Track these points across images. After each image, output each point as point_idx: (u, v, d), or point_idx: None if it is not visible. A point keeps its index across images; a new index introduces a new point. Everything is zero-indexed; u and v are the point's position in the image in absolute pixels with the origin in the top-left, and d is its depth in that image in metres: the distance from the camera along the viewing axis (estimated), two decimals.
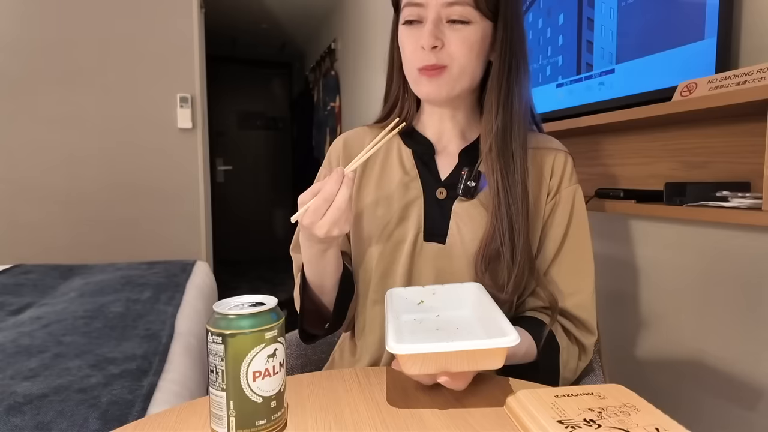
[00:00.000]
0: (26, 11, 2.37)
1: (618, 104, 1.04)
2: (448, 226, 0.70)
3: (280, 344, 0.47)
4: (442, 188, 0.72)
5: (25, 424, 0.71)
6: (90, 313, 1.23)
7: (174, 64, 2.61)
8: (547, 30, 1.25)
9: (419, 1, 0.64)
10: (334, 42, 3.61)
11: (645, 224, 1.07)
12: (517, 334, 0.47)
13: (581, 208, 0.73)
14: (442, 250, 0.70)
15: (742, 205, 0.77)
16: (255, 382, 0.44)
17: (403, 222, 0.71)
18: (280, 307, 0.48)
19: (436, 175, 0.73)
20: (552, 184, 0.72)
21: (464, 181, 0.69)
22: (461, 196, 0.70)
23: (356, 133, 0.79)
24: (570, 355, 0.70)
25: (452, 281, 0.72)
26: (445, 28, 0.65)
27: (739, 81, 0.77)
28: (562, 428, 0.41)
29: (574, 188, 0.73)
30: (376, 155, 0.75)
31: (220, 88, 4.96)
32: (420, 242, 0.71)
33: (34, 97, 2.41)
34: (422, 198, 0.72)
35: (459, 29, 0.64)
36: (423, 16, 0.65)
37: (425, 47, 0.64)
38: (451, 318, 0.62)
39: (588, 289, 0.72)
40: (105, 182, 2.53)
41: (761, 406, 0.85)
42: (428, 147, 0.75)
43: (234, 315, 0.44)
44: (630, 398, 0.47)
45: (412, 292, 0.65)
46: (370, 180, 0.75)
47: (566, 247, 0.72)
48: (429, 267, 0.71)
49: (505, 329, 0.49)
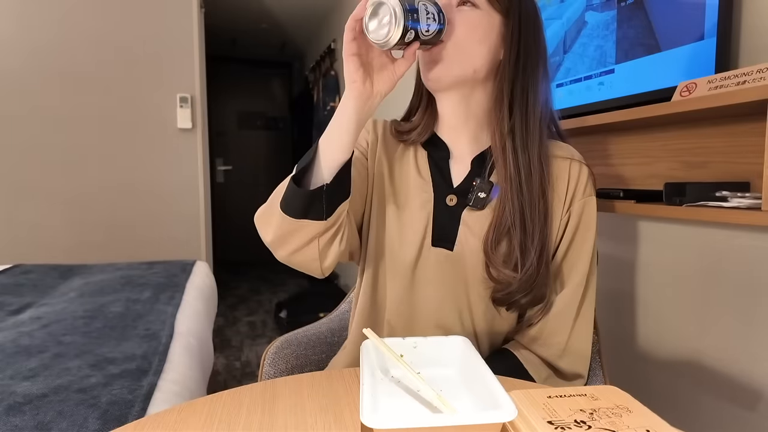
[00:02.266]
0: (26, 11, 2.37)
1: (618, 104, 1.04)
2: (457, 233, 0.70)
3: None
4: (453, 195, 0.72)
5: (24, 424, 0.71)
6: (90, 313, 1.23)
7: (174, 64, 2.61)
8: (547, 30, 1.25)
9: None
10: (333, 42, 3.61)
11: (644, 224, 1.08)
12: (514, 407, 0.41)
13: (589, 228, 0.71)
14: (449, 257, 0.70)
15: (742, 205, 0.77)
16: None
17: (412, 224, 0.71)
18: (279, 307, 0.47)
19: (449, 180, 0.73)
20: (567, 197, 0.71)
21: (476, 192, 0.69)
22: (470, 205, 0.70)
23: (382, 121, 0.80)
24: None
25: (457, 289, 0.71)
26: (453, 12, 0.66)
27: (739, 81, 0.77)
28: (552, 429, 0.41)
29: (584, 201, 0.71)
30: (394, 149, 0.76)
31: (220, 88, 4.96)
32: (427, 247, 0.70)
33: (34, 96, 2.41)
34: (432, 203, 0.72)
35: (465, 11, 0.66)
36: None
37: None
38: (434, 377, 0.53)
39: (580, 337, 0.70)
40: (105, 182, 2.53)
41: (760, 407, 0.85)
42: (444, 151, 0.74)
43: None
44: (623, 400, 0.47)
45: (392, 344, 0.57)
46: (394, 172, 0.75)
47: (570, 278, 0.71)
48: (435, 272, 0.71)
49: (499, 399, 0.43)
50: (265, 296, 3.75)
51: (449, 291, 0.71)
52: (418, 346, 0.58)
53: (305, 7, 3.75)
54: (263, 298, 3.70)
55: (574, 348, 0.70)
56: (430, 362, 0.57)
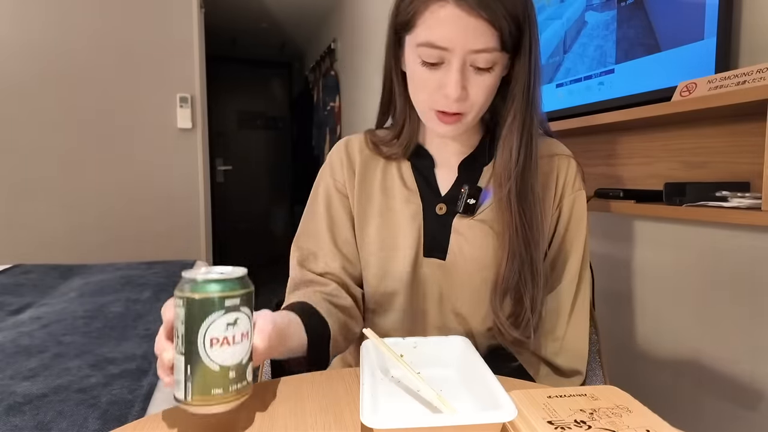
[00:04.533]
0: (26, 12, 2.37)
1: (618, 104, 1.04)
2: (449, 242, 0.69)
3: (244, 315, 0.45)
4: (441, 204, 0.70)
5: (24, 424, 0.71)
6: (90, 313, 1.23)
7: (174, 64, 2.61)
8: (547, 30, 1.25)
9: (444, 45, 0.58)
10: (333, 42, 3.61)
11: (644, 224, 1.08)
12: (514, 407, 0.41)
13: (580, 222, 0.71)
14: (442, 267, 0.69)
15: (742, 205, 0.77)
16: (212, 348, 0.43)
17: (403, 237, 0.70)
18: (279, 307, 0.47)
19: (435, 189, 0.72)
20: (557, 194, 0.71)
21: (464, 199, 0.68)
22: (460, 213, 0.69)
23: (358, 138, 0.76)
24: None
25: (452, 297, 0.71)
26: (469, 74, 0.61)
27: (739, 81, 0.77)
28: (552, 429, 0.41)
29: (574, 197, 0.71)
30: (376, 164, 0.73)
31: (220, 88, 4.96)
32: (420, 258, 0.70)
33: (34, 97, 2.40)
34: (422, 213, 0.70)
35: (483, 75, 0.61)
36: (446, 59, 0.60)
37: (451, 96, 0.60)
38: (433, 377, 0.53)
39: (576, 327, 0.70)
40: (105, 182, 2.53)
41: (761, 406, 0.85)
42: (428, 160, 0.73)
43: (197, 279, 0.44)
44: (623, 400, 0.47)
45: (391, 344, 0.56)
46: (372, 190, 0.73)
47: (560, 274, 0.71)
48: (429, 282, 0.70)
49: (498, 399, 0.43)
50: (265, 296, 3.73)
51: (445, 299, 0.71)
52: (418, 346, 0.58)
53: (305, 6, 3.75)
54: (263, 297, 3.67)
55: (571, 345, 0.70)
56: (429, 362, 0.57)
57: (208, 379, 0.43)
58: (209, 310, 0.43)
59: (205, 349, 0.43)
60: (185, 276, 0.44)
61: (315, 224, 0.74)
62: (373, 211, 0.72)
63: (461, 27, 0.57)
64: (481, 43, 0.58)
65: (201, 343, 0.43)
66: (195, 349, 0.43)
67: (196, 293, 0.43)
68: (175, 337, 0.44)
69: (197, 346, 0.43)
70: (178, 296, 0.44)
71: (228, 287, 0.44)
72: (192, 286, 0.43)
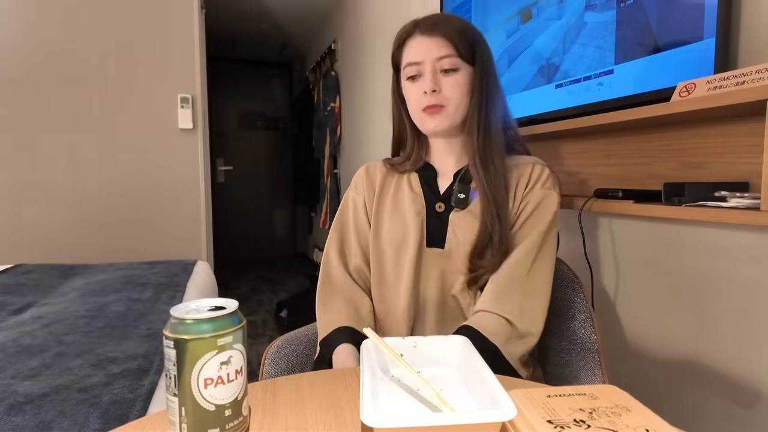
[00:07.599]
0: (28, 13, 2.38)
1: (617, 105, 1.04)
2: (446, 233, 0.85)
3: (237, 351, 0.44)
4: (440, 202, 0.87)
5: (26, 424, 0.71)
6: (91, 312, 1.24)
7: (174, 64, 2.61)
8: (547, 30, 1.25)
9: (417, 60, 0.82)
10: (334, 42, 3.61)
11: (644, 224, 1.08)
12: (513, 406, 0.42)
13: (546, 212, 0.83)
14: (442, 254, 0.85)
15: (741, 205, 0.77)
16: (207, 389, 0.42)
17: (411, 232, 0.86)
18: (279, 306, 0.47)
19: (436, 192, 0.89)
20: (528, 188, 0.84)
21: (456, 194, 0.85)
22: (454, 207, 0.85)
23: (375, 165, 0.96)
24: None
25: (451, 278, 0.82)
26: (440, 77, 0.82)
27: (738, 81, 0.77)
28: (551, 428, 0.42)
29: (545, 192, 0.84)
30: (391, 178, 0.93)
31: (220, 88, 4.96)
32: (423, 248, 0.86)
33: (35, 98, 2.41)
34: (425, 211, 0.87)
35: (450, 76, 0.82)
36: (421, 71, 0.82)
37: (427, 91, 0.81)
38: (433, 376, 0.54)
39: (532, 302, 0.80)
40: (106, 182, 2.54)
41: (760, 406, 0.85)
42: (432, 171, 0.91)
43: (188, 319, 0.43)
44: (623, 399, 0.47)
45: (392, 343, 0.57)
46: (387, 196, 0.91)
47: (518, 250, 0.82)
48: (432, 268, 0.85)
49: (498, 398, 0.43)
50: (265, 296, 3.75)
51: (444, 278, 0.85)
52: (418, 346, 0.58)
53: (305, 7, 3.75)
54: (264, 297, 3.70)
55: (528, 307, 0.79)
56: (429, 361, 0.57)
57: (203, 420, 0.43)
58: (201, 351, 0.42)
59: (200, 390, 0.42)
60: (174, 315, 0.43)
61: (346, 230, 0.94)
62: (388, 211, 0.90)
63: (425, 45, 0.82)
64: (442, 52, 0.81)
65: (195, 384, 0.42)
66: (188, 390, 0.42)
67: (186, 334, 0.42)
68: (167, 378, 0.43)
69: (191, 387, 0.42)
70: (168, 336, 0.43)
71: (219, 326, 0.43)
72: (182, 327, 0.42)
